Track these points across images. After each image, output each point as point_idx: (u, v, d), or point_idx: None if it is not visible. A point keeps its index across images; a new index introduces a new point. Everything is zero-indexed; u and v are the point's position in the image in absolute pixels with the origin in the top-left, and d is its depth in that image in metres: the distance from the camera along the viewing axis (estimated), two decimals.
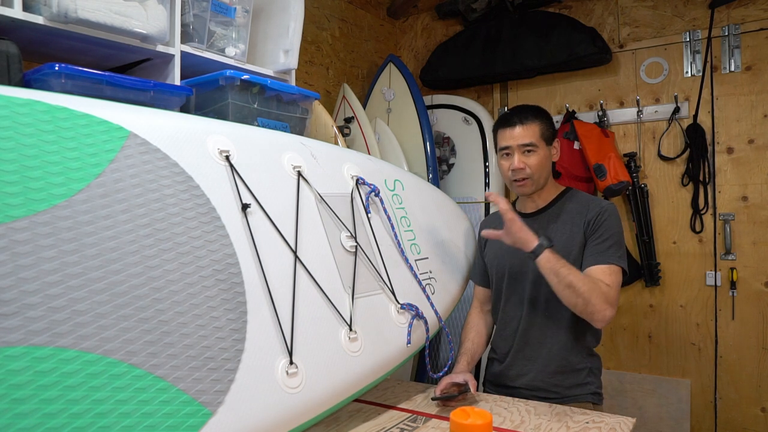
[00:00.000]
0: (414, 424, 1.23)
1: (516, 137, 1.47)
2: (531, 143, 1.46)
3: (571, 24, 2.59)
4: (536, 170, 1.47)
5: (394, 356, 1.27)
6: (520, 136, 1.46)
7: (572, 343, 1.45)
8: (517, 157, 1.47)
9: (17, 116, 0.85)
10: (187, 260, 0.95)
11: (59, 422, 0.73)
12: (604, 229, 1.42)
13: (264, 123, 1.47)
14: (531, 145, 1.46)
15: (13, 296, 0.75)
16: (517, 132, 1.47)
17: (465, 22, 2.96)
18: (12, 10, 1.12)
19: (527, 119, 1.47)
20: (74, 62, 1.16)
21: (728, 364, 2.38)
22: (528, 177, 1.47)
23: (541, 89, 2.83)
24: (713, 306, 2.41)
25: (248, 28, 1.64)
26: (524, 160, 1.47)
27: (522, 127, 1.47)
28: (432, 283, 1.50)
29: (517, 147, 1.47)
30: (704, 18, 2.42)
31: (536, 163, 1.47)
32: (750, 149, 2.34)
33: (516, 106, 1.60)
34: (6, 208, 0.78)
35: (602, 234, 1.42)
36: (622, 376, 2.58)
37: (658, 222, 2.52)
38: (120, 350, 0.81)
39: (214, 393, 0.89)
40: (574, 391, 1.45)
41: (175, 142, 1.04)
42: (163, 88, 1.30)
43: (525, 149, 1.46)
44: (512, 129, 1.48)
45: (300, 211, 1.20)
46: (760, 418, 2.31)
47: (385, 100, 2.71)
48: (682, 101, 2.47)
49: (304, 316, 1.10)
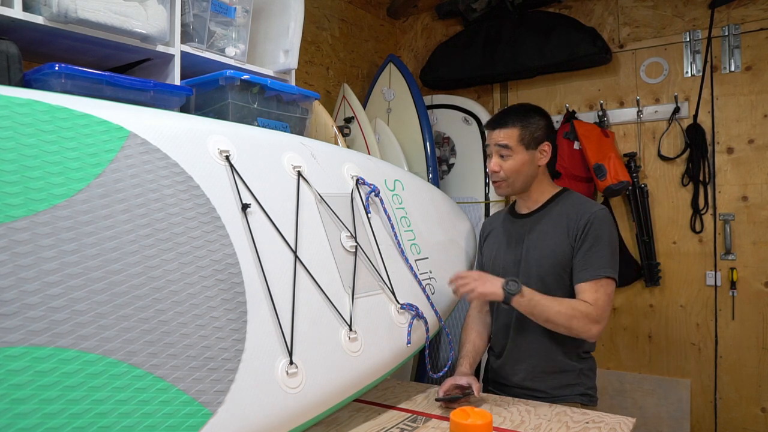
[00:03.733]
0: (414, 424, 1.23)
1: (494, 139, 1.49)
2: (506, 145, 1.47)
3: (571, 24, 2.59)
4: (510, 174, 1.48)
5: (394, 356, 1.27)
6: (498, 137, 1.48)
7: (560, 346, 1.45)
8: (494, 159, 1.50)
9: (17, 116, 0.85)
10: (187, 260, 0.95)
11: (59, 422, 0.73)
12: (591, 237, 1.41)
13: (264, 123, 1.47)
14: (506, 148, 1.47)
15: (13, 296, 0.75)
16: (495, 134, 1.49)
17: (465, 22, 2.96)
18: (12, 10, 1.13)
19: (507, 123, 1.48)
20: (74, 62, 1.16)
21: (728, 364, 2.38)
22: (502, 180, 1.49)
23: (541, 89, 2.83)
24: (713, 306, 2.41)
25: (248, 28, 1.64)
26: (499, 163, 1.49)
27: (500, 131, 1.48)
28: (432, 283, 1.50)
29: (495, 148, 1.49)
30: (704, 18, 2.42)
31: (510, 167, 1.48)
32: (750, 149, 2.34)
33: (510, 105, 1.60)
34: (6, 208, 0.78)
35: (589, 242, 1.41)
36: (622, 376, 2.58)
37: (658, 222, 2.52)
38: (120, 350, 0.81)
39: (214, 393, 0.89)
40: (561, 392, 1.45)
41: (175, 142, 1.04)
42: (163, 88, 1.30)
43: (501, 152, 1.48)
44: (491, 131, 1.51)
45: (300, 211, 1.20)
46: (760, 418, 2.31)
47: (385, 100, 2.71)
48: (682, 101, 2.47)
49: (304, 316, 1.10)
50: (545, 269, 1.44)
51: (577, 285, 1.40)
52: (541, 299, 1.35)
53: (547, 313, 1.34)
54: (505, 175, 1.48)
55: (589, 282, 1.38)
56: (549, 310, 1.34)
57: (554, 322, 1.34)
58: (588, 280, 1.39)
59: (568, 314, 1.33)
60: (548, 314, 1.34)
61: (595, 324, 1.35)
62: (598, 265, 1.39)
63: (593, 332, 1.35)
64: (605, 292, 1.38)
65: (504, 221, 1.63)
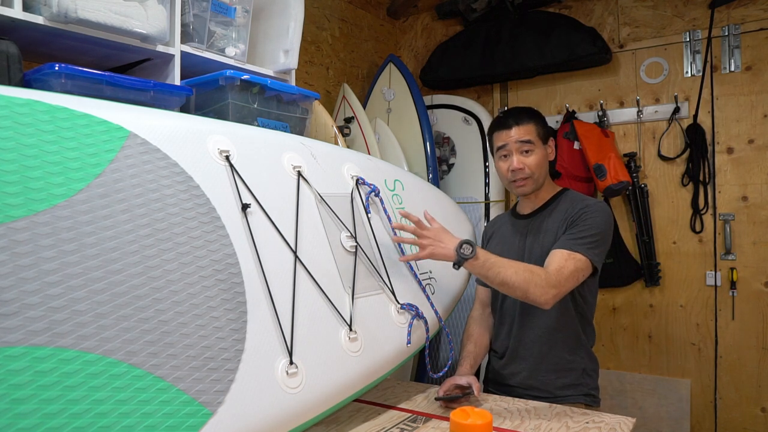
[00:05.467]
0: (414, 424, 1.23)
1: (513, 136, 1.48)
2: (529, 140, 1.47)
3: (571, 24, 2.59)
4: (535, 169, 1.48)
5: (394, 356, 1.27)
6: (518, 134, 1.48)
7: (565, 343, 1.45)
8: (516, 157, 1.48)
9: (17, 116, 0.85)
10: (187, 260, 0.95)
11: (59, 422, 0.73)
12: (582, 223, 1.39)
13: (264, 123, 1.47)
14: (529, 143, 1.47)
15: (13, 296, 0.75)
16: (514, 132, 1.48)
17: (465, 22, 2.96)
18: (12, 10, 1.13)
19: (522, 120, 1.49)
20: (74, 62, 1.16)
21: (728, 364, 2.38)
22: (528, 176, 1.49)
23: (541, 89, 2.83)
24: (713, 306, 2.41)
25: (248, 28, 1.64)
26: (523, 160, 1.48)
27: (518, 128, 1.48)
28: (432, 283, 1.50)
29: (515, 146, 1.48)
30: (704, 18, 2.42)
31: (535, 163, 1.48)
32: (750, 149, 2.34)
33: (509, 108, 1.60)
34: (6, 208, 0.78)
35: (579, 227, 1.39)
36: (622, 376, 2.58)
37: (658, 222, 2.52)
38: (120, 350, 0.81)
39: (214, 393, 0.89)
40: (566, 392, 1.45)
41: (175, 142, 1.04)
42: (163, 88, 1.30)
43: (523, 148, 1.48)
44: (509, 130, 1.49)
45: (300, 211, 1.20)
46: (760, 418, 2.31)
47: (385, 100, 2.71)
48: (682, 101, 2.47)
49: (304, 316, 1.10)
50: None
51: (553, 250, 1.37)
52: (496, 260, 1.28)
53: (503, 275, 1.26)
54: (531, 171, 1.48)
55: (561, 250, 1.35)
56: (504, 271, 1.27)
57: (510, 285, 1.27)
58: (562, 248, 1.35)
59: (526, 277, 1.27)
60: (503, 276, 1.26)
61: (552, 288, 1.28)
62: (579, 243, 1.35)
63: (549, 296, 1.27)
64: (575, 266, 1.32)
65: (507, 223, 1.63)
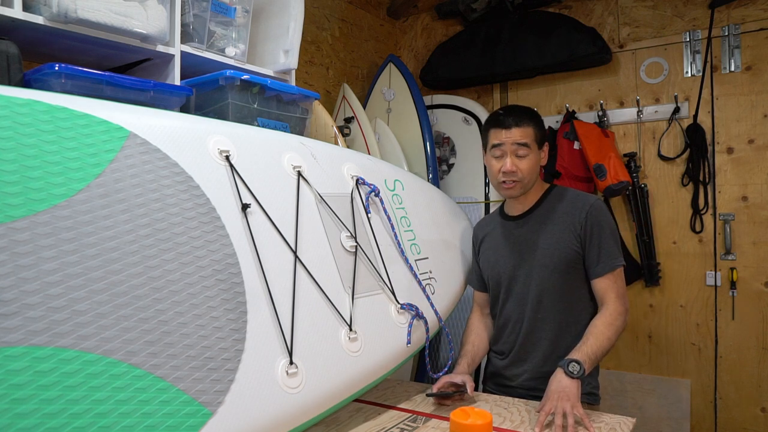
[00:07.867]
0: (414, 424, 1.23)
1: (510, 137, 1.45)
2: (525, 144, 1.45)
3: (571, 24, 2.59)
4: (527, 174, 1.47)
5: (394, 356, 1.27)
6: (516, 136, 1.45)
7: (566, 344, 1.45)
8: (510, 159, 1.46)
9: (17, 116, 0.85)
10: (187, 260, 0.95)
11: (59, 422, 0.73)
12: (595, 229, 1.44)
13: (264, 123, 1.47)
14: (525, 147, 1.45)
15: (13, 296, 0.75)
16: (513, 133, 1.46)
17: (465, 22, 2.96)
18: (12, 10, 1.12)
19: (523, 121, 1.47)
20: (74, 62, 1.16)
21: (728, 364, 2.38)
22: (518, 180, 1.47)
23: (541, 89, 2.83)
24: (713, 306, 2.41)
25: (248, 28, 1.64)
26: (516, 164, 1.46)
27: (518, 129, 1.46)
28: (432, 283, 1.50)
29: (511, 147, 1.46)
30: (704, 18, 2.42)
31: (527, 167, 1.46)
32: (750, 149, 2.34)
33: (508, 106, 1.59)
34: (6, 208, 0.78)
35: (595, 236, 1.44)
36: (622, 376, 2.58)
37: (658, 222, 2.52)
38: (120, 350, 0.81)
39: (214, 393, 0.89)
40: None
41: (175, 142, 1.04)
42: (163, 88, 1.30)
43: (519, 151, 1.46)
44: (508, 129, 1.46)
45: (300, 211, 1.20)
46: (760, 418, 2.31)
47: (385, 100, 2.71)
48: (682, 101, 2.46)
49: (304, 316, 1.10)
50: (555, 262, 1.46)
51: (595, 280, 1.45)
52: (592, 345, 1.34)
53: (607, 348, 1.36)
54: (522, 176, 1.46)
55: (605, 277, 1.43)
56: (606, 346, 1.36)
57: (610, 347, 1.37)
58: (604, 274, 1.43)
59: (613, 331, 1.37)
60: (607, 349, 1.36)
61: (625, 313, 1.42)
62: (608, 257, 1.44)
63: (627, 319, 1.43)
64: (621, 279, 1.45)
65: (498, 226, 1.61)
